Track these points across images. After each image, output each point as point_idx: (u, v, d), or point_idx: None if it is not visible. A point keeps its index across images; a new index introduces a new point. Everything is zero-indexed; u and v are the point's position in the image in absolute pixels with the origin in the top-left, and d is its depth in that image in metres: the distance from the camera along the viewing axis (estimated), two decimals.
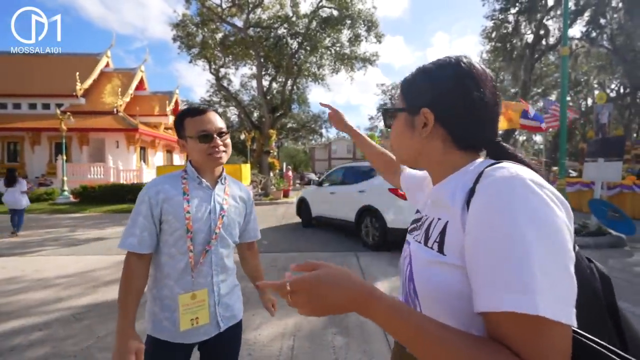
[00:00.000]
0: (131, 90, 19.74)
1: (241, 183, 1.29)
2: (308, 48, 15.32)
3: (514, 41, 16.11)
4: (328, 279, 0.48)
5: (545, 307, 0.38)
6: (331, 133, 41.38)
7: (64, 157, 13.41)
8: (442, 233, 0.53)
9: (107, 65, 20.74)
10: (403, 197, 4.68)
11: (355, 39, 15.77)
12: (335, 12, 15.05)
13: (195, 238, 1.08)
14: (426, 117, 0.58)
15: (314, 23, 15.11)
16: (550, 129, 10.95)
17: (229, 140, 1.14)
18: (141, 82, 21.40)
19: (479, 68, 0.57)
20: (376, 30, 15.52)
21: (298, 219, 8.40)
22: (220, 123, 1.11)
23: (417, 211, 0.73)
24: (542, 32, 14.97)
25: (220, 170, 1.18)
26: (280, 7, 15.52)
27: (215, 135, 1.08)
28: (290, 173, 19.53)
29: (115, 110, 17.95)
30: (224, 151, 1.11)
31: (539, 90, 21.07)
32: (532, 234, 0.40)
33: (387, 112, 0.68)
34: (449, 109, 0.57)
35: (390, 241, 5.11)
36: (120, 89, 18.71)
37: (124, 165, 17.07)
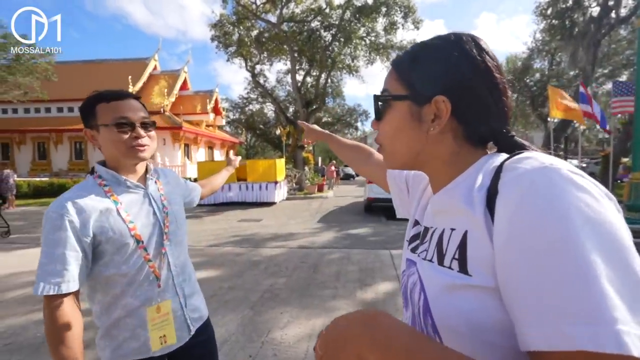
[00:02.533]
0: (176, 91, 20.98)
1: (164, 168, 1.15)
2: (342, 39, 15.00)
3: (575, 16, 14.23)
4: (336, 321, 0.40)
5: (634, 340, 0.27)
6: (367, 126, 40.58)
7: None
8: (462, 247, 0.42)
9: (155, 68, 22.23)
10: None
11: (391, 27, 15.10)
12: (369, 0, 14.50)
13: (149, 245, 0.93)
14: (440, 107, 0.46)
15: (348, 13, 14.72)
16: (620, 115, 9.57)
17: (154, 133, 0.95)
18: (184, 82, 22.65)
19: (490, 48, 0.48)
20: (414, 16, 14.71)
21: (335, 215, 8.29)
22: (143, 112, 0.93)
23: (416, 222, 0.60)
24: (611, 2, 13.03)
25: (144, 166, 1.00)
26: None
27: (136, 124, 0.89)
28: (333, 168, 18.11)
29: (162, 110, 19.23)
30: (147, 144, 0.92)
31: (606, 71, 18.47)
32: (591, 238, 0.31)
33: (382, 100, 0.52)
34: (470, 96, 0.46)
35: None
36: (166, 90, 19.96)
37: (170, 162, 18.27)
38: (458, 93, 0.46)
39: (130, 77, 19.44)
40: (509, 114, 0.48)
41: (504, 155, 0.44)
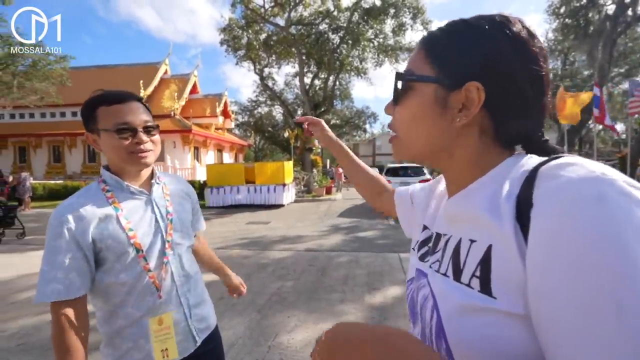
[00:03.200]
0: (186, 94, 21.30)
1: (177, 175, 1.12)
2: (350, 42, 15.02)
3: (590, 14, 13.90)
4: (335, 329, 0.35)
5: None
6: (375, 128, 40.45)
7: None
8: (485, 263, 0.35)
9: (166, 72, 22.63)
10: None
11: (399, 29, 15.07)
12: (378, 2, 14.49)
13: (150, 255, 0.89)
14: (471, 96, 0.39)
15: (356, 15, 14.74)
16: (637, 115, 9.27)
17: (157, 137, 0.91)
18: (194, 86, 22.98)
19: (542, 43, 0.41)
20: (422, 17, 14.64)
21: (343, 220, 8.24)
22: (146, 115, 0.89)
23: (425, 228, 0.53)
24: None
25: (150, 170, 0.95)
26: (322, 2, 15.39)
27: (139, 130, 0.86)
28: (341, 170, 18.21)
29: (172, 113, 19.53)
30: (150, 150, 0.88)
31: (622, 70, 17.95)
32: None
33: (404, 80, 0.44)
34: (510, 87, 0.39)
35: None
36: (176, 94, 20.28)
37: (180, 164, 18.53)
38: (496, 81, 0.39)
39: (141, 81, 19.84)
40: (545, 115, 0.41)
41: (536, 158, 0.38)
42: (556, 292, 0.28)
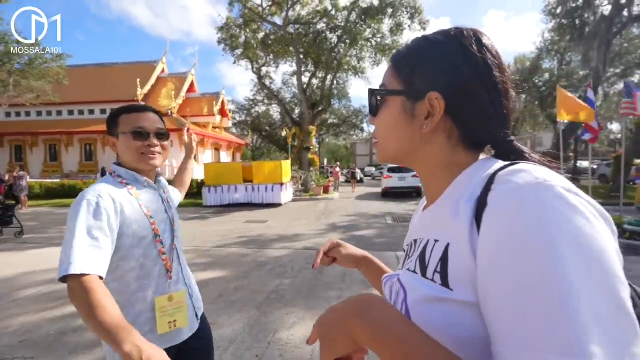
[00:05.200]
0: (183, 93, 21.22)
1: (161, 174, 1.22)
2: (348, 41, 15.02)
3: (586, 15, 14.01)
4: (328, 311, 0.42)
5: None
6: (373, 128, 40.46)
7: None
8: (444, 259, 0.41)
9: (163, 71, 22.53)
10: None
11: (397, 29, 15.09)
12: (375, 2, 14.51)
13: (164, 240, 1.03)
14: (433, 104, 0.45)
15: (354, 15, 14.75)
16: (632, 117, 9.38)
17: (167, 144, 1.07)
18: (192, 85, 22.90)
19: (494, 44, 0.46)
20: (420, 17, 14.67)
21: (342, 217, 8.37)
22: (159, 123, 1.05)
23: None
24: (623, 0, 12.79)
25: (154, 173, 1.11)
26: (319, 1, 15.40)
27: (152, 134, 1.01)
28: (338, 169, 17.77)
29: (170, 112, 19.45)
30: (159, 153, 1.03)
31: (618, 71, 18.10)
32: (577, 264, 0.30)
33: (376, 96, 0.51)
34: (467, 95, 0.44)
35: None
36: (174, 93, 20.22)
37: (178, 163, 18.45)
38: (453, 91, 0.44)
39: (138, 80, 19.75)
40: (509, 117, 0.45)
41: (499, 163, 0.42)
42: (500, 285, 0.33)
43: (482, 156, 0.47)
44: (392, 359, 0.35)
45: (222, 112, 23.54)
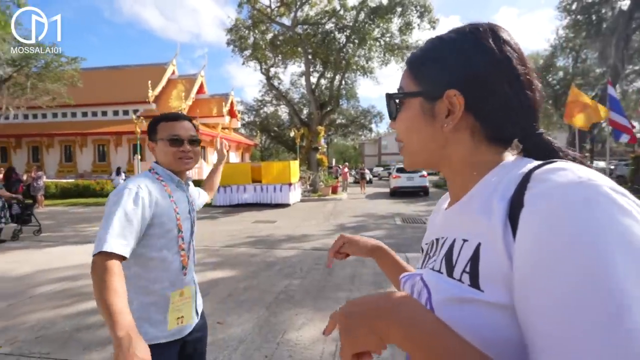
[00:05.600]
0: (193, 95, 21.52)
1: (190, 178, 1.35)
2: (356, 41, 14.97)
3: (603, 11, 13.61)
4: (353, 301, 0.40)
5: None
6: (381, 128, 40.31)
7: (139, 157, 15.20)
8: (474, 260, 0.39)
9: (173, 73, 22.89)
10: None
11: (406, 28, 14.96)
12: (384, 1, 14.43)
13: (185, 237, 1.12)
14: (452, 102, 0.44)
15: (362, 14, 14.70)
16: None
17: (198, 149, 1.19)
18: (201, 86, 23.20)
19: (514, 37, 0.45)
20: (429, 16, 14.52)
21: (351, 217, 8.37)
22: (192, 131, 1.16)
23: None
24: None
25: (187, 173, 1.23)
26: (328, 1, 15.39)
27: (186, 141, 1.13)
28: (346, 170, 17.54)
29: (180, 113, 19.74)
30: (192, 157, 1.16)
31: (637, 68, 17.50)
32: (629, 269, 0.27)
33: (393, 99, 0.50)
34: (487, 89, 0.43)
35: None
36: (184, 94, 20.51)
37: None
38: (472, 87, 0.43)
39: (150, 81, 20.10)
40: (536, 109, 0.44)
41: (533, 162, 0.40)
42: (542, 290, 0.31)
43: (509, 152, 0.46)
44: (424, 359, 0.34)
45: (231, 113, 23.76)
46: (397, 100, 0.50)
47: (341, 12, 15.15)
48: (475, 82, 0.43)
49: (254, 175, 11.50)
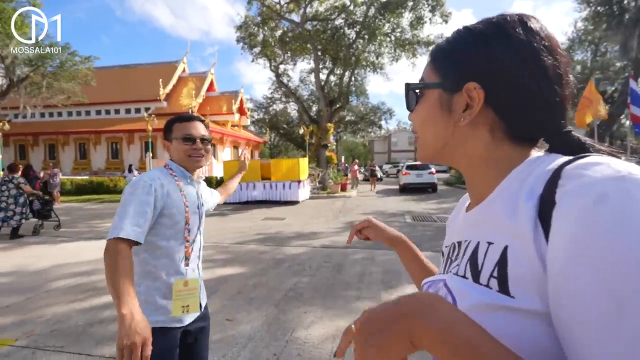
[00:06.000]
0: (203, 92, 21.71)
1: (202, 177, 1.37)
2: (366, 37, 14.82)
3: (625, 1, 13.06)
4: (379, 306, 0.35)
5: None
6: (391, 125, 39.90)
7: (151, 154, 15.45)
8: (502, 263, 0.36)
9: (184, 70, 23.13)
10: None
11: (417, 22, 14.72)
12: None
13: (191, 230, 1.19)
14: (471, 95, 0.42)
15: (372, 9, 14.51)
16: None
17: (210, 147, 1.28)
18: (211, 84, 23.38)
19: (546, 28, 0.41)
20: (442, 10, 14.24)
21: (360, 215, 8.41)
22: (204, 131, 1.24)
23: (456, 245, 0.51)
24: None
25: (197, 173, 1.31)
26: None
27: (197, 140, 1.21)
28: (356, 167, 17.17)
29: (190, 111, 19.93)
30: (203, 155, 1.24)
31: None
32: None
33: (412, 90, 0.49)
34: (509, 83, 0.40)
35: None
36: (194, 92, 20.70)
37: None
38: (493, 80, 0.40)
39: (161, 80, 20.36)
40: (564, 106, 0.41)
41: (562, 158, 0.37)
42: (580, 294, 0.28)
43: (535, 151, 0.42)
44: None
45: (241, 111, 23.89)
46: (416, 91, 0.48)
47: (351, 8, 15.00)
48: (498, 76, 0.40)
49: (263, 172, 11.54)
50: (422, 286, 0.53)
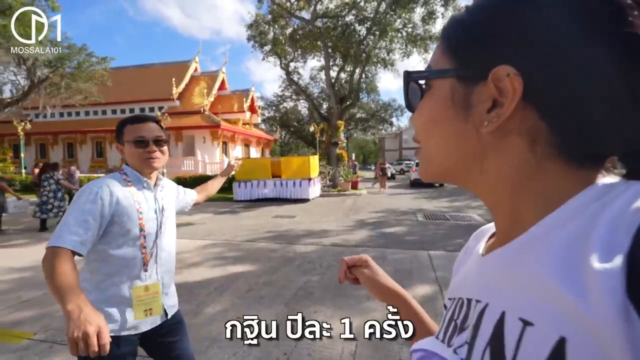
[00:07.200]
0: (214, 91, 21.95)
1: (167, 179, 1.36)
2: (377, 33, 14.64)
3: None
4: None
5: None
6: (402, 122, 39.44)
7: None
8: None
9: (196, 70, 23.43)
10: None
11: (429, 17, 14.46)
12: None
13: (148, 237, 1.15)
14: (502, 87, 0.26)
15: (383, 5, 14.31)
16: None
17: (165, 148, 1.21)
18: (222, 82, 23.60)
19: None
20: (454, 4, 13.92)
21: (371, 213, 8.34)
22: (158, 132, 1.18)
23: (449, 300, 0.38)
24: None
25: (156, 176, 1.25)
26: None
27: (150, 142, 1.15)
28: (385, 166, 16.07)
29: (202, 109, 20.22)
30: (158, 157, 1.18)
31: None
32: None
33: (414, 81, 0.33)
34: (565, 67, 0.25)
35: None
36: (206, 91, 20.98)
37: (209, 159, 19.19)
38: (541, 62, 0.25)
39: (173, 79, 20.69)
40: None
41: None
42: None
43: (600, 176, 0.26)
44: None
45: (252, 109, 24.04)
46: (420, 83, 0.33)
47: (361, 4, 14.85)
48: (548, 55, 0.25)
49: (273, 170, 11.58)
50: (410, 353, 0.38)
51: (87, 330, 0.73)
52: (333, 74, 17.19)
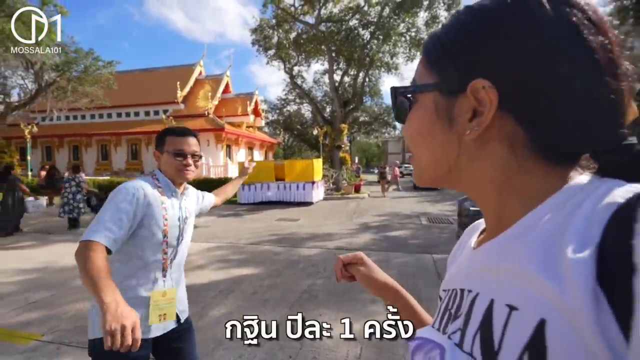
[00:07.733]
0: (219, 94, 22.11)
1: (191, 187, 1.40)
2: (380, 37, 14.72)
3: None
4: None
5: None
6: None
7: None
8: (537, 348, 0.24)
9: (200, 73, 23.62)
10: None
11: (433, 21, 14.51)
12: None
13: (169, 242, 1.19)
14: (479, 97, 0.30)
15: (387, 9, 14.40)
16: None
17: (200, 163, 1.30)
18: (227, 86, 23.77)
19: (593, 5, 0.29)
20: (458, 8, 13.92)
21: (374, 216, 8.31)
22: (195, 147, 1.26)
23: (444, 291, 0.42)
24: None
25: (184, 185, 1.31)
26: None
27: (188, 155, 1.23)
28: (397, 169, 16.11)
29: (206, 112, 20.37)
30: (192, 171, 1.25)
31: None
32: None
33: (400, 95, 0.37)
34: (536, 78, 0.28)
35: None
36: (210, 94, 21.12)
37: (213, 162, 19.29)
38: (512, 75, 0.29)
39: (178, 82, 20.88)
40: (621, 104, 0.28)
41: (625, 186, 0.25)
42: None
43: (576, 173, 0.30)
44: None
45: (255, 112, 24.17)
46: (408, 96, 0.36)
47: (365, 8, 14.94)
48: (517, 67, 0.28)
49: (277, 173, 11.62)
50: (408, 345, 0.42)
51: (124, 323, 0.77)
52: (337, 77, 17.26)
